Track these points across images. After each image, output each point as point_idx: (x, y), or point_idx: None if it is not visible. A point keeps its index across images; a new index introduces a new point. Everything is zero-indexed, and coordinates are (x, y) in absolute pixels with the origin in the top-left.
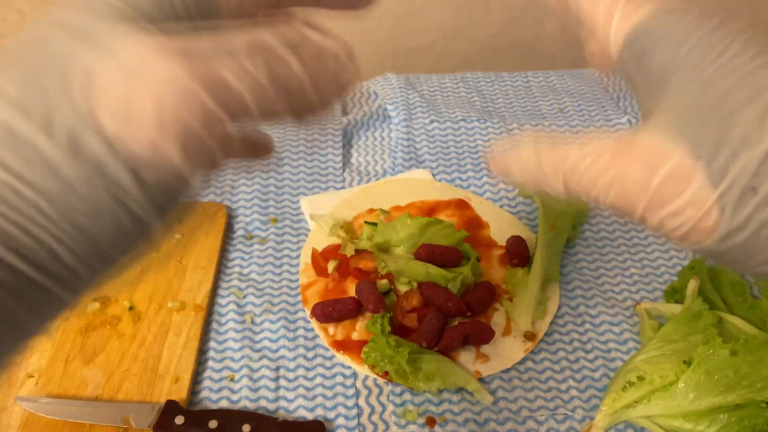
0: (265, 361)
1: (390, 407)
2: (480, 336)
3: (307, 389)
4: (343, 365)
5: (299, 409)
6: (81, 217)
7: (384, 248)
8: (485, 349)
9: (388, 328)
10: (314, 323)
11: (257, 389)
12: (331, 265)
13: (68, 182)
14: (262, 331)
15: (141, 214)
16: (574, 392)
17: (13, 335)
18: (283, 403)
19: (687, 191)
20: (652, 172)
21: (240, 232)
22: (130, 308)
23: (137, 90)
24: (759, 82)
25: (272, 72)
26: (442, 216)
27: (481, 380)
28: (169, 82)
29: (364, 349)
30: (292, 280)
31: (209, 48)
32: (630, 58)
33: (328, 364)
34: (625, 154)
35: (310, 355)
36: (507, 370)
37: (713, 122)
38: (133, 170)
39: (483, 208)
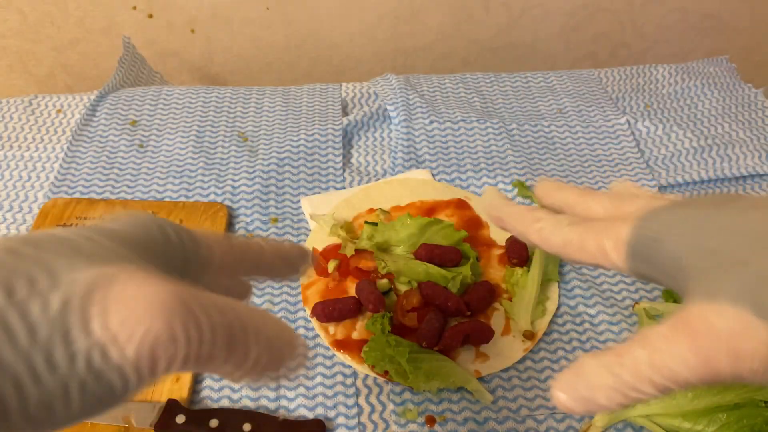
0: None
1: (390, 406)
2: (480, 336)
3: (308, 388)
4: (343, 364)
5: (300, 408)
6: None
7: (384, 248)
8: (485, 348)
9: (388, 328)
10: (314, 323)
11: (258, 388)
12: (331, 265)
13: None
14: None
15: (68, 396)
16: None
17: None
18: (283, 402)
19: (754, 335)
20: (715, 333)
21: (241, 232)
22: None
23: (128, 310)
24: (758, 229)
25: (224, 333)
26: (442, 216)
27: (481, 379)
28: (157, 312)
29: (364, 348)
30: (292, 280)
31: (193, 295)
32: (639, 265)
33: (328, 363)
34: (685, 329)
35: (310, 354)
36: (506, 370)
37: (735, 274)
38: (97, 371)
39: (483, 208)
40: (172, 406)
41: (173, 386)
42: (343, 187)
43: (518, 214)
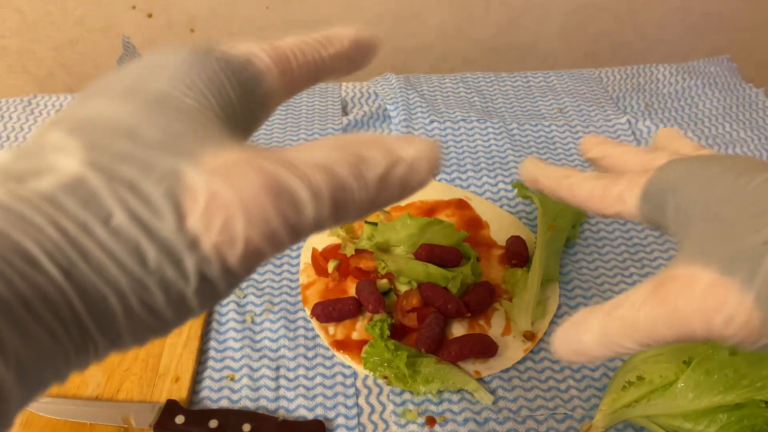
0: (265, 361)
1: (390, 407)
2: (484, 352)
3: (308, 389)
4: (343, 365)
5: (299, 408)
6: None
7: (384, 248)
8: None
9: (387, 332)
10: (314, 323)
11: (257, 389)
12: (331, 265)
13: (135, 248)
14: (262, 330)
15: (188, 298)
16: (573, 392)
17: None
18: (283, 403)
19: (728, 302)
20: (692, 297)
21: None
22: None
23: (216, 198)
24: (764, 201)
25: (334, 198)
26: (442, 216)
27: (481, 380)
28: (246, 196)
29: (363, 353)
30: (292, 280)
31: (285, 164)
32: (651, 211)
33: (328, 363)
34: (667, 291)
35: (310, 354)
36: (506, 370)
37: (731, 242)
38: (197, 265)
39: (483, 208)
40: (171, 407)
41: (173, 386)
42: None
43: (552, 173)
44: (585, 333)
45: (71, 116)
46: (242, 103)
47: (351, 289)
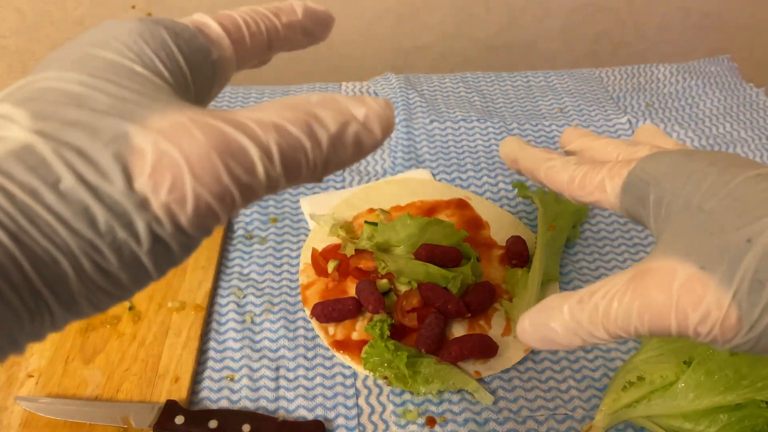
0: (265, 361)
1: (390, 407)
2: (485, 352)
3: (307, 389)
4: (343, 365)
5: (299, 408)
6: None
7: (384, 248)
8: None
9: (387, 333)
10: (314, 323)
11: (257, 389)
12: (331, 265)
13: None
14: (262, 330)
15: (143, 259)
16: (574, 392)
17: None
18: (283, 403)
19: (705, 298)
20: (669, 290)
21: (240, 232)
22: (130, 308)
23: (164, 158)
24: (749, 198)
25: (286, 156)
26: (442, 216)
27: (481, 380)
28: (194, 155)
29: (363, 354)
30: (292, 280)
31: (234, 123)
32: (631, 203)
33: (328, 363)
34: (643, 283)
35: (310, 354)
36: (507, 370)
37: (712, 237)
38: (148, 225)
39: (483, 208)
40: (171, 407)
41: (172, 387)
42: (343, 187)
43: (532, 155)
44: (554, 319)
45: (21, 89)
46: (194, 72)
47: (351, 289)
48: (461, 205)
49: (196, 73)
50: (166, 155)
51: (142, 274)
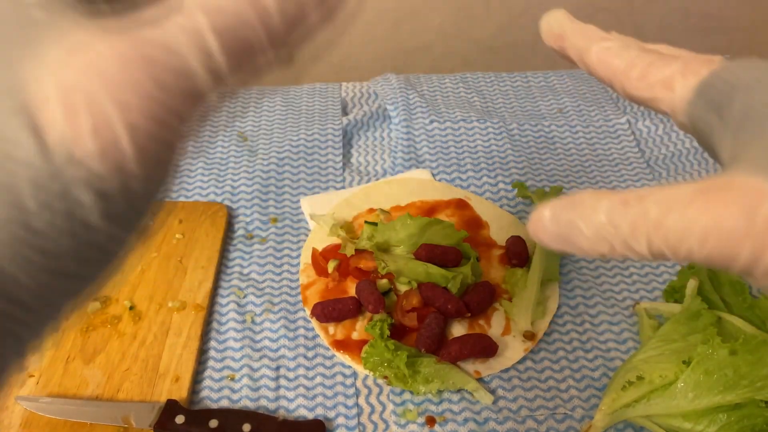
0: (265, 361)
1: (390, 406)
2: (485, 351)
3: (308, 389)
4: (343, 365)
5: (299, 408)
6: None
7: (384, 248)
8: None
9: (387, 332)
10: (314, 323)
11: (258, 389)
12: (331, 265)
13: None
14: (262, 330)
15: (100, 226)
16: (573, 392)
17: None
18: (283, 403)
19: None
20: (753, 215)
21: (240, 232)
22: (131, 308)
23: (72, 93)
24: None
25: (227, 40)
26: (442, 216)
27: (481, 380)
28: (108, 78)
29: (363, 353)
30: (292, 280)
31: (147, 23)
32: (704, 109)
33: (328, 363)
34: (718, 199)
35: (310, 354)
36: (506, 370)
37: None
38: (88, 184)
39: (483, 208)
40: (171, 407)
41: (172, 386)
42: (343, 187)
43: (584, 30)
44: (585, 218)
45: None
46: None
47: (351, 289)
48: (461, 205)
49: None
50: (74, 89)
51: (114, 243)
